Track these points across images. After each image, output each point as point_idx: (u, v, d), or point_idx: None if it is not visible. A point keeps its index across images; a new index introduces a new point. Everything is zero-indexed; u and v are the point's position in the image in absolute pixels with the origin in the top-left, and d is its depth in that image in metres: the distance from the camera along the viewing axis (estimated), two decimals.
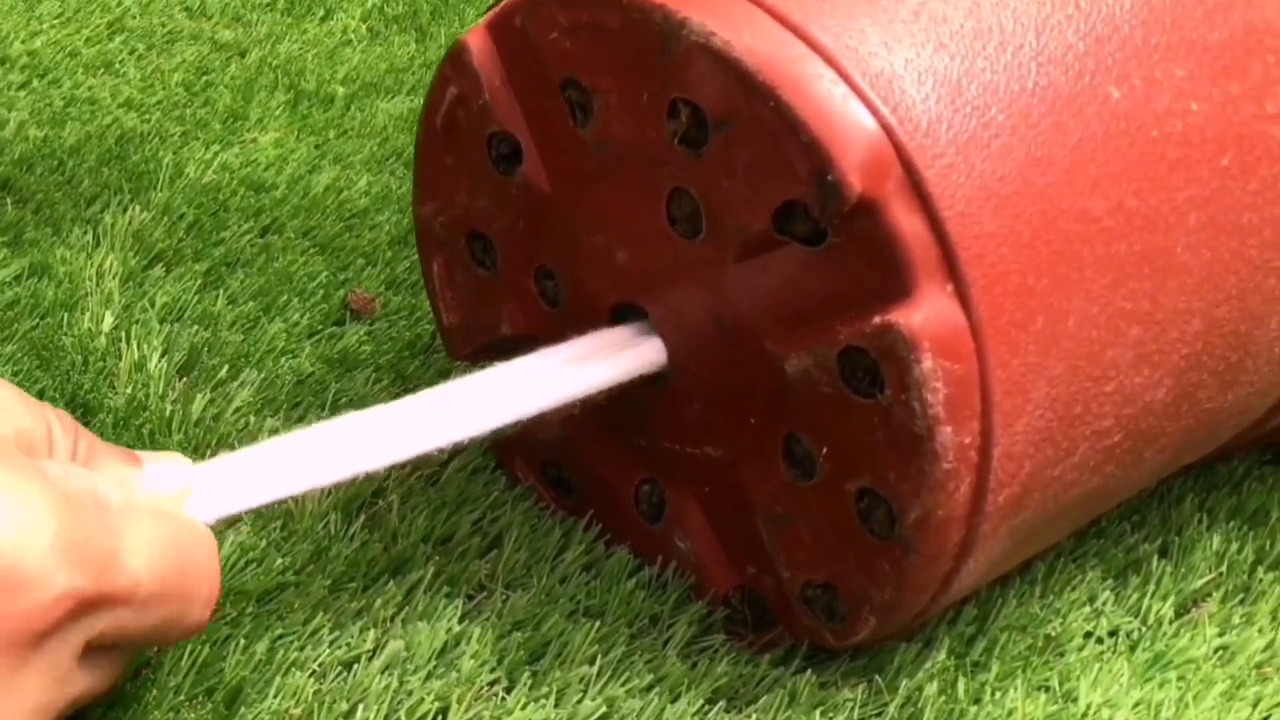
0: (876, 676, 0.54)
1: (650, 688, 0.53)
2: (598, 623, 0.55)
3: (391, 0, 1.12)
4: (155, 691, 0.48)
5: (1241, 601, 0.61)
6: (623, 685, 0.53)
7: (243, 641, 0.51)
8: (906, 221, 0.45)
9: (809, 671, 0.54)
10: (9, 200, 0.78)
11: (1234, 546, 0.63)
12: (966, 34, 0.47)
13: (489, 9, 0.54)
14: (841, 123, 0.45)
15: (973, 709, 0.54)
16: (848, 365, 0.47)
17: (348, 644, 0.52)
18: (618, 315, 0.55)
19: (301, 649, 0.51)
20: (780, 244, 0.48)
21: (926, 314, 0.45)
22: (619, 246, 0.53)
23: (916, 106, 0.45)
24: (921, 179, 0.45)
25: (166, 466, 0.47)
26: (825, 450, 0.50)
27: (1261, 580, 0.62)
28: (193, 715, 0.48)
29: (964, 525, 0.48)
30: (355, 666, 0.51)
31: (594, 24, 0.49)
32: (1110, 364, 0.49)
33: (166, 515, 0.45)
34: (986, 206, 0.45)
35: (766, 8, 0.46)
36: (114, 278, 0.72)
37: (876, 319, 0.46)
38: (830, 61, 0.45)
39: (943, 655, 0.56)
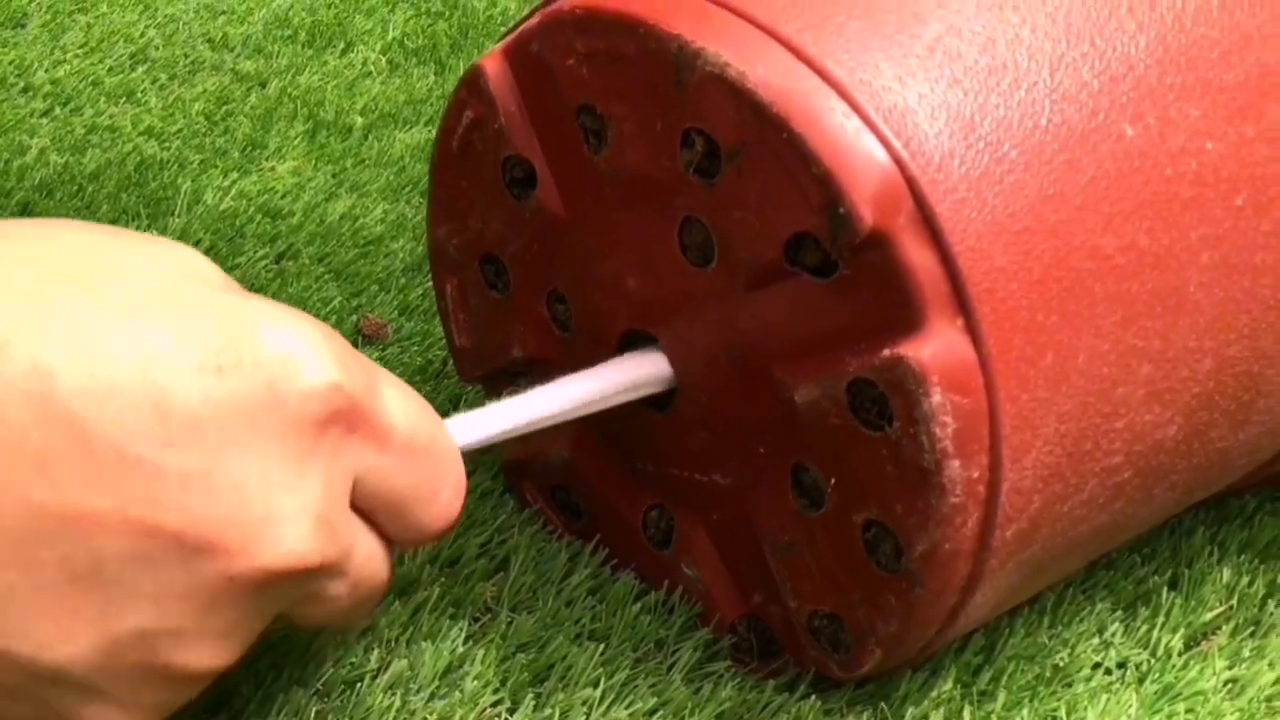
0: (882, 704, 0.55)
1: (653, 711, 0.53)
2: (603, 646, 0.55)
3: (412, 33, 1.13)
4: None
5: (1252, 634, 0.61)
6: (626, 709, 0.53)
7: (250, 665, 0.51)
8: (917, 255, 0.45)
9: (814, 698, 0.54)
10: None
11: (1245, 579, 0.63)
12: (981, 70, 0.47)
13: (505, 34, 0.54)
14: (854, 156, 0.45)
15: None
16: (857, 397, 0.48)
17: (352, 663, 0.52)
18: (627, 341, 0.55)
19: (305, 667, 0.51)
20: (791, 275, 0.48)
21: (936, 348, 0.45)
22: (630, 273, 0.54)
23: (929, 141, 0.45)
24: (933, 213, 0.45)
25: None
26: (833, 481, 0.50)
27: (1273, 614, 0.62)
28: None
29: (971, 559, 0.48)
30: (359, 685, 0.51)
31: (610, 51, 0.50)
32: (1121, 401, 0.49)
33: (431, 413, 0.46)
34: (997, 242, 0.46)
35: (782, 40, 0.47)
36: None
37: (886, 352, 0.46)
38: (844, 95, 0.46)
39: (949, 684, 0.56)
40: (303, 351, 0.41)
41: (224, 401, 0.40)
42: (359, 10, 1.16)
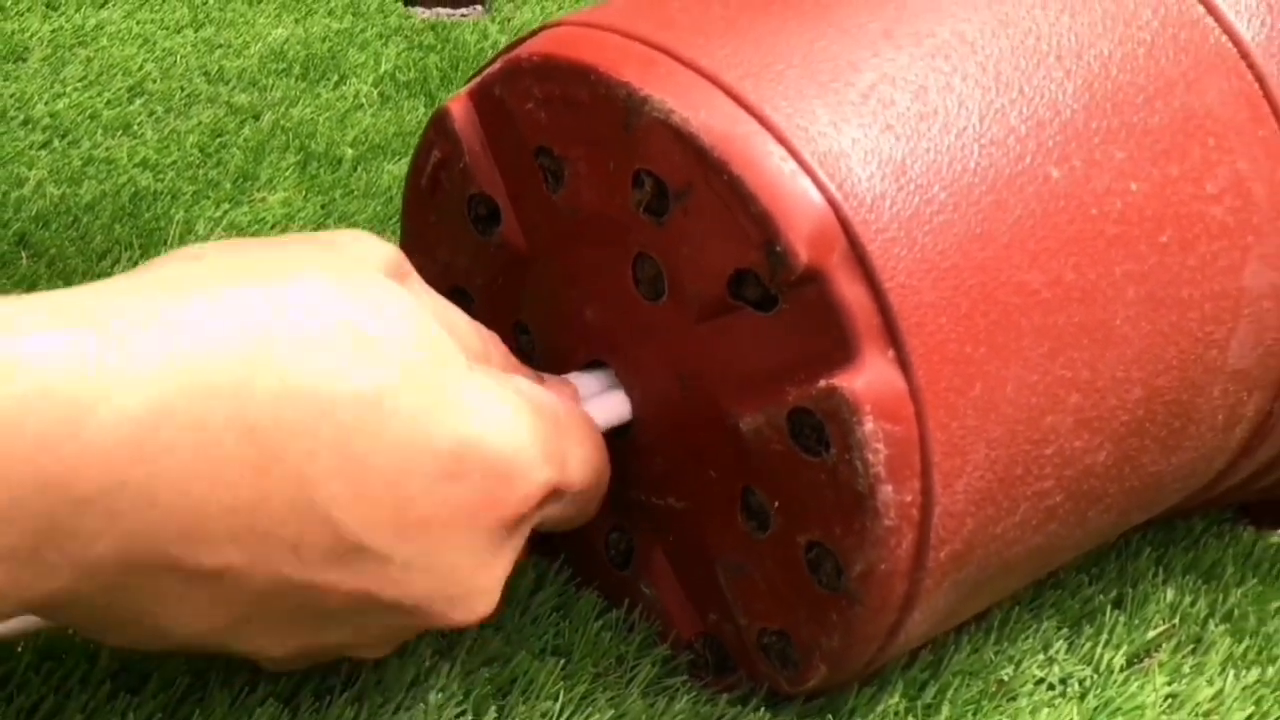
0: (830, 717, 0.57)
1: None
2: (564, 661, 0.58)
3: (403, 66, 1.16)
4: (133, 715, 0.51)
5: (1193, 652, 0.63)
6: None
7: (222, 673, 0.53)
8: (850, 291, 0.48)
9: (764, 711, 0.56)
10: (24, 254, 0.82)
11: (1188, 599, 0.66)
12: (912, 116, 0.50)
13: (470, 79, 0.57)
14: (790, 197, 0.48)
15: None
16: (796, 425, 0.50)
17: (321, 676, 0.54)
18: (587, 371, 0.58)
19: (277, 681, 0.54)
20: (735, 309, 0.51)
21: (869, 378, 0.48)
22: (588, 305, 0.56)
23: (862, 183, 0.48)
24: (865, 251, 0.48)
25: (563, 387, 0.56)
26: (777, 504, 0.52)
27: (1213, 632, 0.64)
28: None
29: (907, 579, 0.51)
30: (328, 698, 0.54)
31: (565, 97, 0.53)
32: (1050, 429, 0.52)
33: (589, 424, 0.54)
34: (927, 278, 0.48)
35: (723, 87, 0.49)
36: None
37: (822, 382, 0.49)
38: (781, 139, 0.48)
39: (896, 698, 0.58)
40: (522, 458, 0.48)
41: (453, 505, 0.47)
42: (352, 44, 1.19)
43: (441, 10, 1.29)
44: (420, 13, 1.28)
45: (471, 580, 0.49)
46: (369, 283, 0.47)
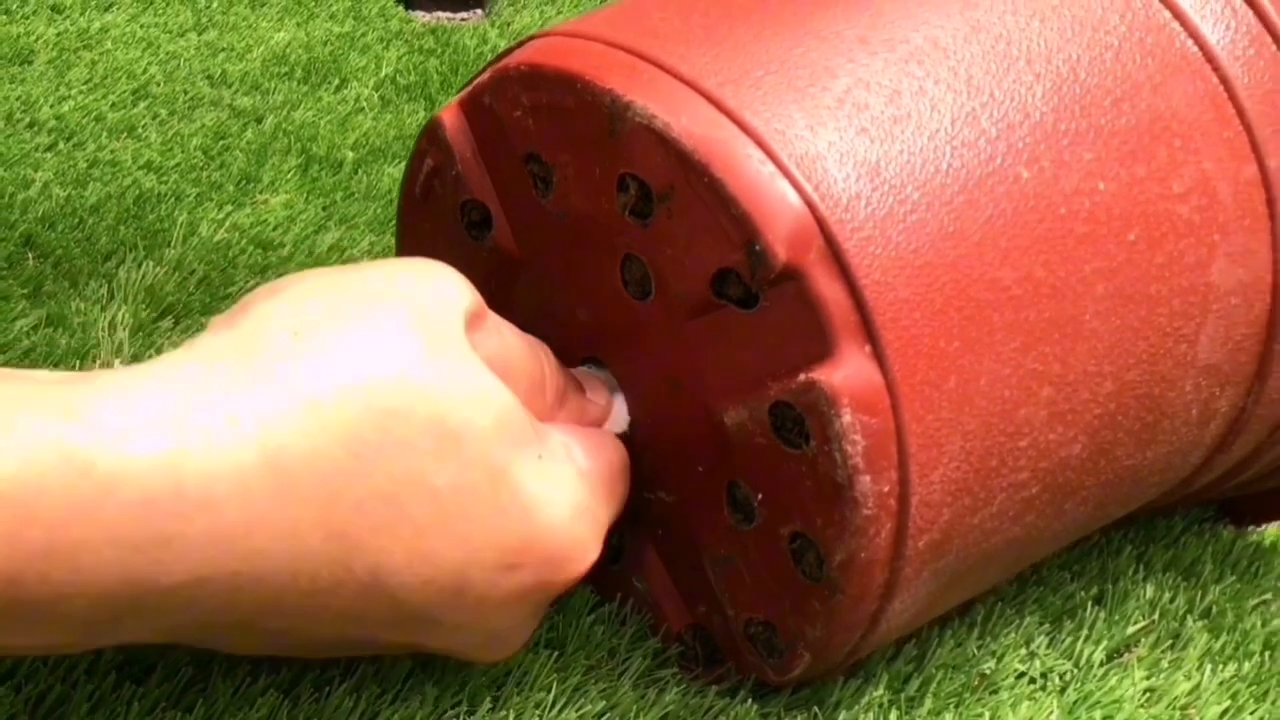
0: (816, 708, 0.59)
1: (602, 714, 0.57)
2: (558, 654, 0.59)
3: (404, 70, 1.17)
4: (138, 705, 0.52)
5: (1171, 647, 0.65)
6: (576, 711, 0.57)
7: (225, 663, 0.55)
8: (828, 288, 0.49)
9: (751, 702, 0.58)
10: (30, 255, 0.84)
11: (1167, 596, 0.67)
12: (886, 120, 0.51)
13: (461, 89, 0.59)
14: (768, 198, 0.49)
15: None
16: (778, 419, 0.52)
17: (321, 667, 0.56)
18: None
19: (278, 671, 0.55)
20: (718, 307, 0.52)
21: (846, 373, 0.50)
22: (579, 306, 0.58)
23: (838, 185, 0.50)
24: (841, 250, 0.49)
25: (598, 386, 0.59)
26: (761, 497, 0.54)
27: (1191, 628, 0.66)
28: None
29: (887, 568, 0.53)
30: (328, 689, 0.55)
31: (552, 105, 0.54)
32: (1024, 421, 0.53)
33: (622, 459, 0.56)
34: (901, 275, 0.50)
35: (704, 93, 0.51)
36: (125, 329, 0.77)
37: (801, 376, 0.50)
38: (760, 143, 0.50)
39: (880, 690, 0.60)
40: (579, 549, 0.52)
41: (507, 590, 0.50)
42: (354, 48, 1.21)
43: (442, 14, 1.31)
44: (421, 17, 1.30)
45: (509, 638, 0.53)
46: (456, 361, 0.49)
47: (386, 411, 0.47)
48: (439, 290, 0.51)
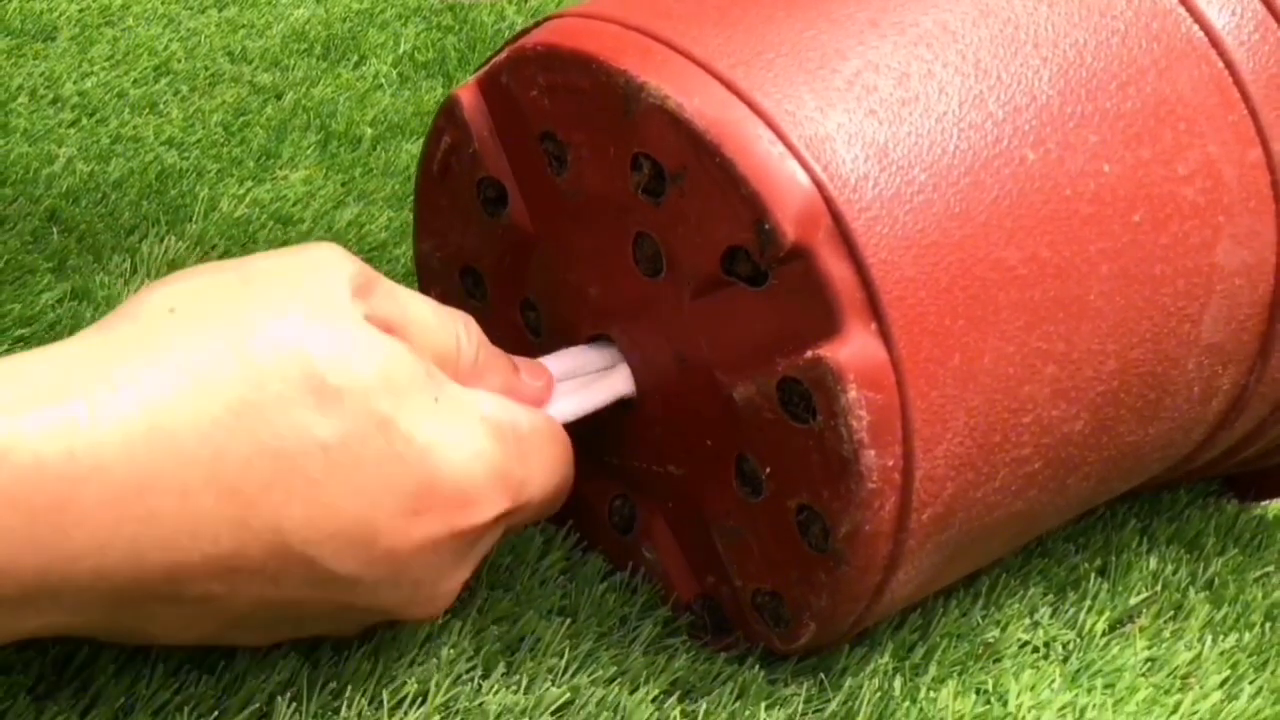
0: (822, 675, 0.60)
1: (613, 679, 0.58)
2: (570, 621, 0.61)
3: (422, 47, 1.18)
4: (162, 666, 0.54)
5: (1173, 618, 0.66)
6: (588, 675, 0.58)
7: None
8: (835, 267, 0.51)
9: (759, 669, 0.59)
10: (55, 230, 0.85)
11: (1170, 568, 0.69)
12: (894, 102, 0.52)
13: (479, 68, 0.60)
14: (778, 178, 0.51)
15: (906, 704, 0.59)
16: (786, 394, 0.53)
17: None
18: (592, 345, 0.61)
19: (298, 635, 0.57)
20: (728, 284, 0.54)
21: (853, 349, 0.51)
22: (592, 283, 0.59)
23: (846, 165, 0.51)
24: (849, 229, 0.50)
25: (538, 370, 0.59)
26: (768, 470, 0.55)
27: (1193, 599, 0.67)
28: (195, 688, 0.53)
29: (891, 540, 0.54)
30: (345, 651, 0.57)
31: (567, 85, 0.56)
32: (1027, 398, 0.54)
33: (550, 431, 0.56)
34: (907, 255, 0.51)
35: (716, 74, 0.52)
36: None
37: (809, 353, 0.51)
38: (770, 124, 0.51)
39: (886, 658, 0.61)
40: (479, 492, 0.52)
41: (416, 537, 0.51)
42: (372, 24, 1.22)
43: None
44: None
45: (434, 589, 0.53)
46: (334, 322, 0.50)
47: (264, 370, 0.48)
48: (318, 261, 0.52)
